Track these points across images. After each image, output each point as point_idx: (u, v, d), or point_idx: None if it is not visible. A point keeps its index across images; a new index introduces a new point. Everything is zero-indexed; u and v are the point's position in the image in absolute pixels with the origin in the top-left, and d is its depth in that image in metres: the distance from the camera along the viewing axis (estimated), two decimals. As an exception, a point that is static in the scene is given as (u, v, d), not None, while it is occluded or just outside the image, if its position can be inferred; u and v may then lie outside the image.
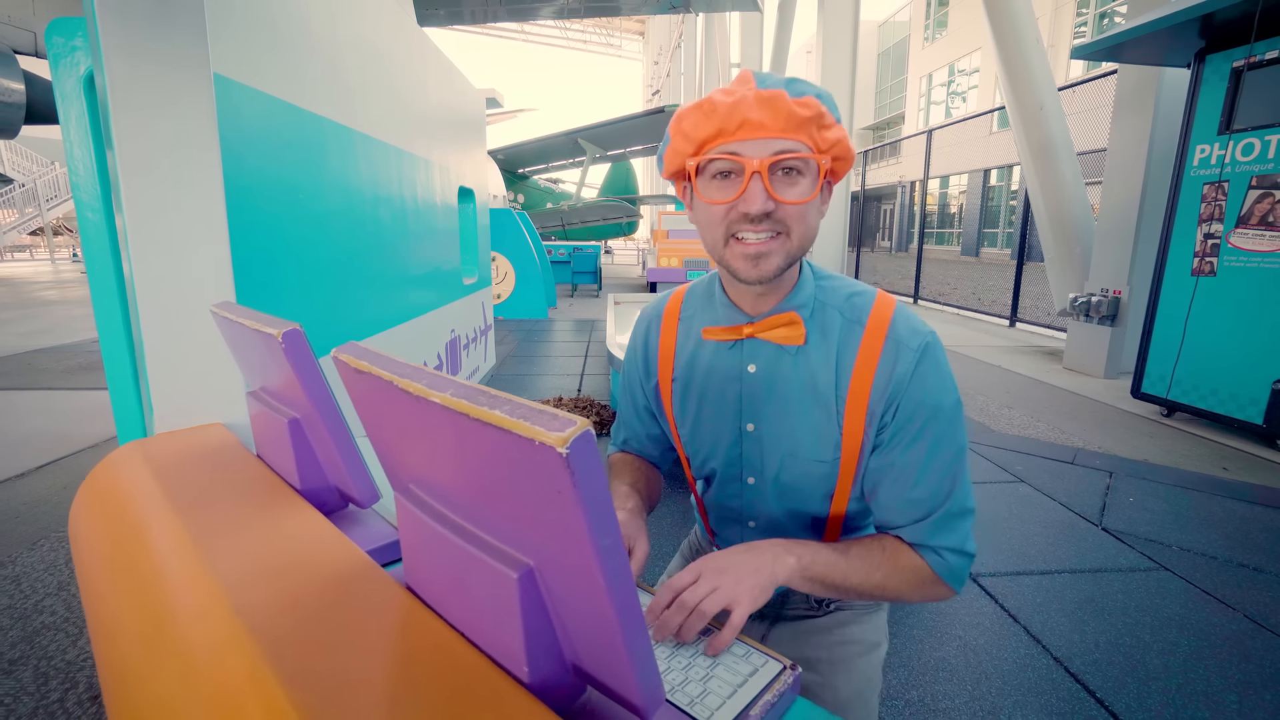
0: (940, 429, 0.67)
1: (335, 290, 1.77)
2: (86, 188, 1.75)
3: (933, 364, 0.67)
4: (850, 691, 0.79)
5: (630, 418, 0.91)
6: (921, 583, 0.69)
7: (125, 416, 1.82)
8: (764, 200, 0.62)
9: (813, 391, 0.71)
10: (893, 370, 0.67)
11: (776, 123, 0.61)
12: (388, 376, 0.49)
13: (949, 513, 0.68)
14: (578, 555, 0.40)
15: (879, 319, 0.69)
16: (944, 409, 0.67)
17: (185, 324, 1.15)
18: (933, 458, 0.68)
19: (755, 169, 0.61)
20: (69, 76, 1.71)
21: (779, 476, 0.75)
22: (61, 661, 1.39)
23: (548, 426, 0.36)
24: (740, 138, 0.62)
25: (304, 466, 0.85)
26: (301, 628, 0.55)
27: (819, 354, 0.71)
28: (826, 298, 0.72)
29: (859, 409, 0.69)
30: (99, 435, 3.01)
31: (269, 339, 0.75)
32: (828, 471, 0.73)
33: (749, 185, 0.62)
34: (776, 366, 0.72)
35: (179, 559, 0.68)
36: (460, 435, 0.44)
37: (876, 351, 0.68)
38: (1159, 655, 1.46)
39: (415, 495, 0.57)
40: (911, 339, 0.67)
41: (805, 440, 0.72)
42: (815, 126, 0.62)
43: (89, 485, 0.95)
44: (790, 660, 0.60)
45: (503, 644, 0.50)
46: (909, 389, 0.67)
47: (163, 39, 1.09)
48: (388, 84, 2.21)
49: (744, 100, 0.61)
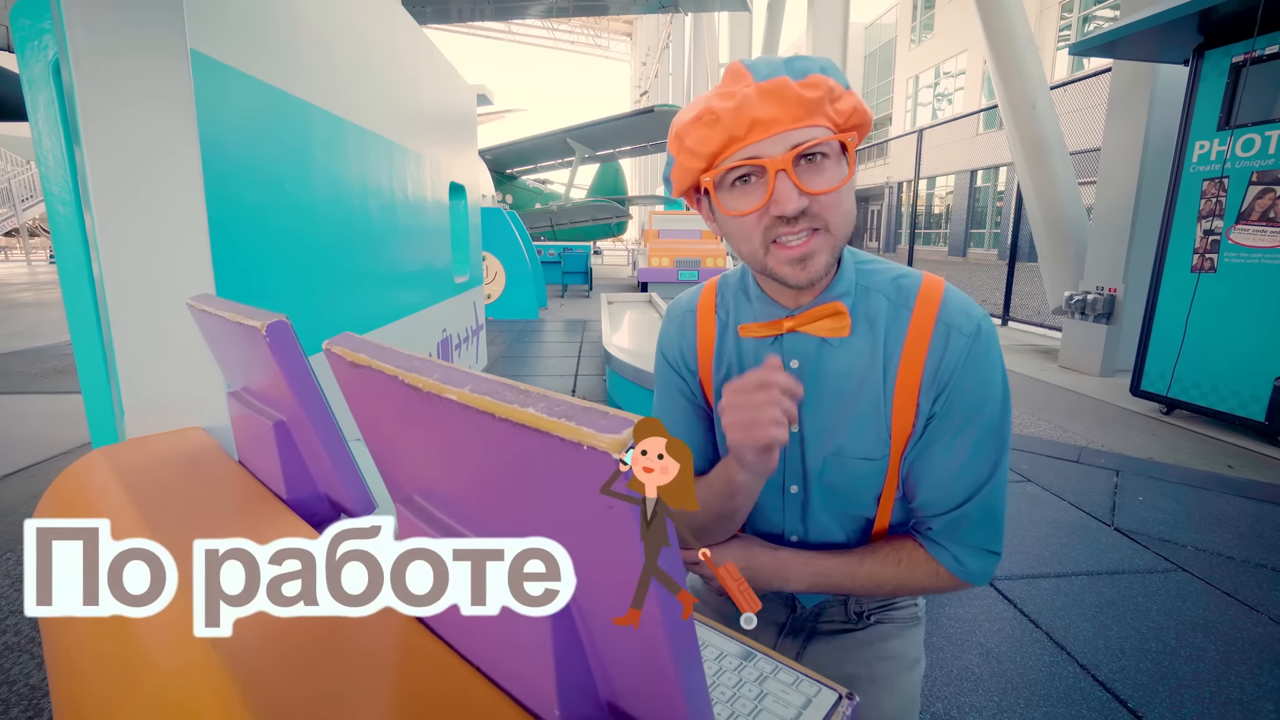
0: (987, 421, 0.63)
1: (322, 287, 1.68)
2: (57, 180, 1.64)
3: (986, 349, 0.63)
4: (894, 709, 0.73)
5: (673, 422, 0.81)
6: (934, 580, 0.68)
7: (99, 420, 1.72)
8: (796, 199, 0.56)
9: (859, 385, 0.65)
10: (943, 355, 0.63)
11: (788, 113, 0.55)
12: (391, 370, 0.42)
13: (983, 508, 0.65)
14: (627, 577, 0.33)
15: (928, 301, 0.64)
16: (993, 399, 0.63)
17: (160, 320, 1.06)
18: (977, 451, 0.64)
19: (779, 167, 0.56)
20: (37, 61, 1.60)
21: (824, 478, 0.69)
22: (25, 686, 1.29)
23: (598, 427, 0.29)
24: (754, 139, 0.56)
25: (291, 473, 0.77)
26: (289, 660, 0.48)
27: (864, 343, 0.65)
28: (869, 282, 0.67)
29: (909, 400, 0.64)
30: (72, 440, 2.89)
31: (251, 332, 0.68)
32: (876, 470, 0.67)
33: (776, 186, 0.56)
34: (819, 361, 0.67)
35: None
36: (481, 438, 0.37)
37: (926, 336, 0.63)
38: (1188, 661, 1.41)
39: (420, 507, 0.50)
40: (964, 323, 0.63)
41: (851, 438, 0.67)
42: (828, 103, 0.57)
43: (51, 495, 0.87)
44: (846, 689, 0.54)
45: (528, 681, 0.43)
46: (959, 376, 0.62)
47: (134, 11, 1.00)
48: (378, 73, 2.12)
49: (746, 99, 0.55)
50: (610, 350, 3.17)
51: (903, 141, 9.87)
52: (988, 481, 0.64)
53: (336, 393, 0.67)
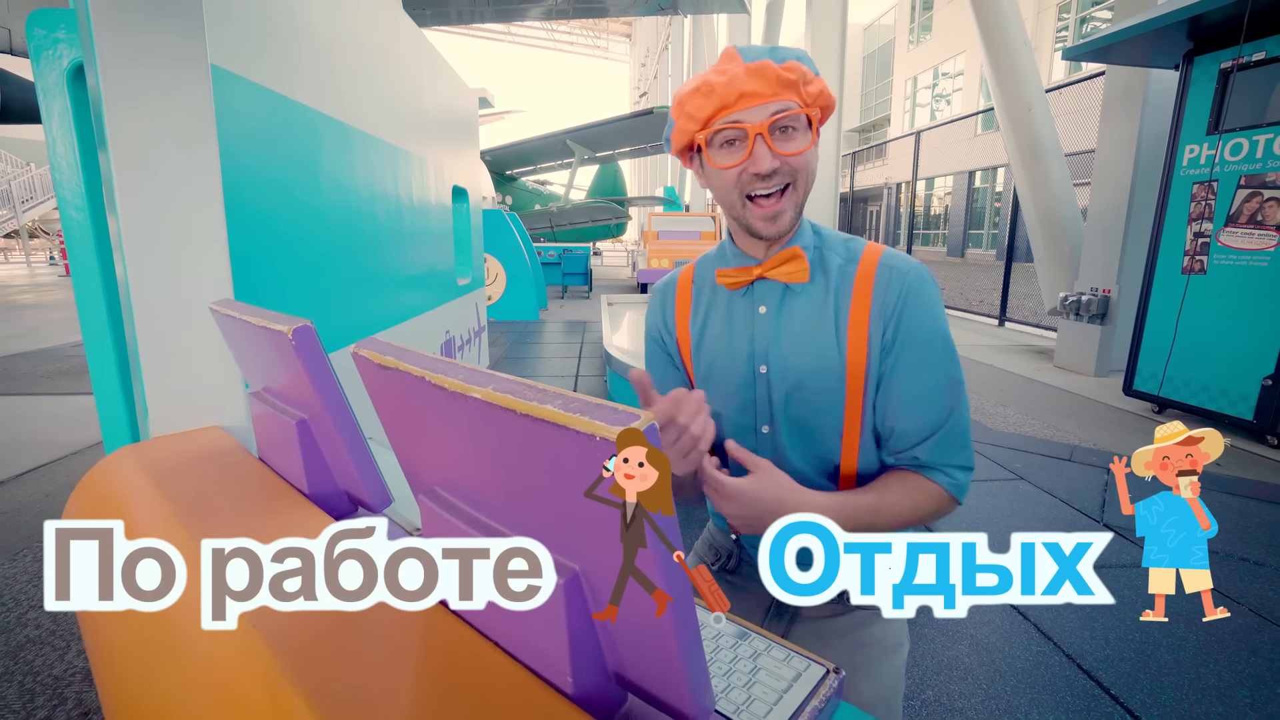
0: (936, 353, 0.74)
1: (332, 290, 1.72)
2: (70, 185, 1.69)
3: (925, 290, 0.74)
4: (875, 695, 0.77)
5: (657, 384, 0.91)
6: (938, 507, 0.74)
7: (111, 421, 1.76)
8: (770, 158, 0.69)
9: (817, 323, 0.77)
10: (886, 293, 0.74)
11: (768, 88, 0.68)
12: (419, 372, 0.46)
13: (956, 428, 0.74)
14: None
15: (872, 254, 0.77)
16: (938, 334, 0.74)
17: (182, 323, 1.10)
18: (934, 377, 0.74)
19: (758, 130, 0.69)
20: (51, 70, 1.65)
21: (789, 412, 0.78)
22: (48, 677, 1.33)
23: (610, 420, 0.34)
24: (740, 108, 0.69)
25: (312, 469, 0.81)
26: (323, 640, 0.52)
27: (820, 289, 0.78)
28: (824, 243, 0.80)
29: (860, 333, 0.75)
30: (81, 441, 2.93)
31: (278, 336, 0.72)
32: (834, 402, 0.77)
33: (754, 147, 0.69)
34: (783, 305, 0.79)
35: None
36: (503, 432, 0.41)
37: (870, 278, 0.75)
38: (1169, 651, 1.46)
39: (442, 498, 0.54)
40: (903, 265, 0.75)
41: (811, 370, 0.77)
42: (802, 84, 0.69)
43: (81, 492, 0.91)
44: (833, 664, 0.58)
45: (544, 654, 0.47)
46: (904, 310, 0.73)
47: (158, 29, 1.05)
48: (383, 79, 2.17)
49: (736, 76, 0.68)
50: (611, 351, 3.20)
51: (901, 143, 9.90)
52: (956, 402, 0.74)
53: (352, 391, 0.72)
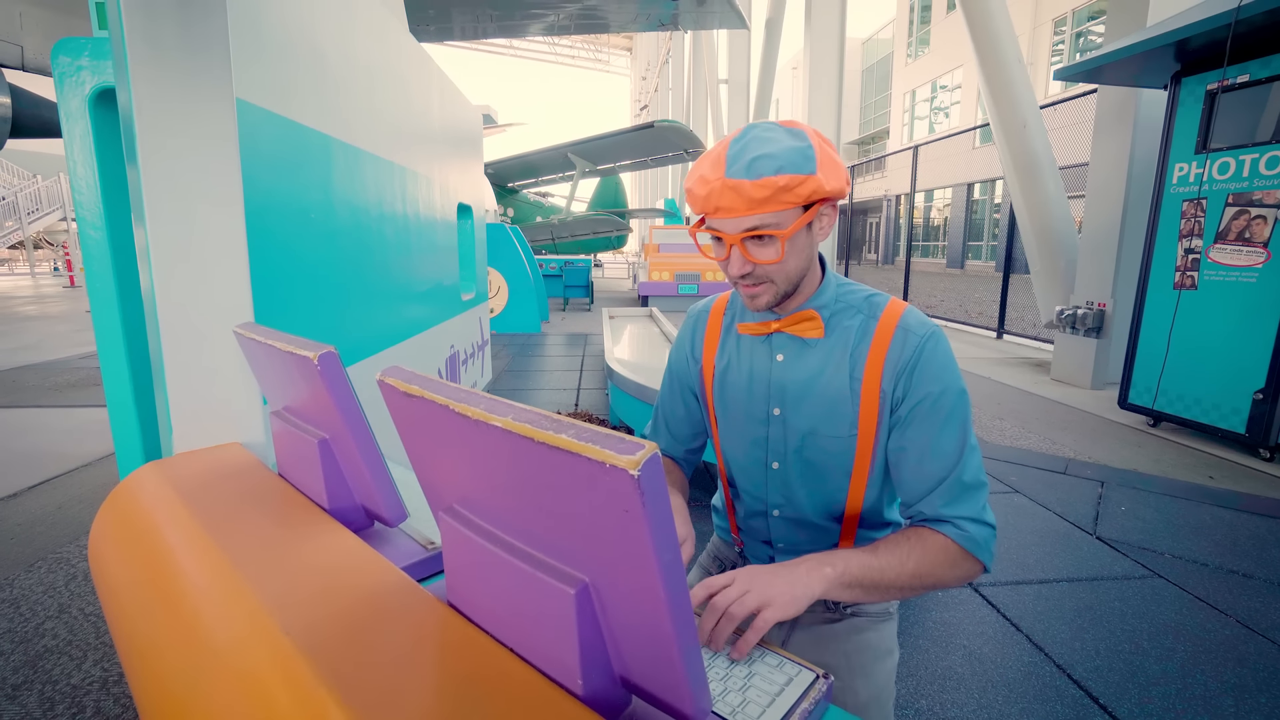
0: (946, 408, 0.77)
1: (344, 308, 1.78)
2: (89, 205, 1.75)
3: (936, 351, 0.78)
4: (869, 695, 0.85)
5: (671, 405, 1.00)
6: (952, 561, 0.74)
7: (124, 435, 1.81)
8: (740, 265, 0.76)
9: (832, 376, 0.81)
10: (901, 354, 0.78)
11: (743, 205, 0.71)
12: (442, 400, 0.50)
13: (960, 481, 0.76)
14: (639, 571, 0.42)
15: (891, 314, 0.81)
16: (949, 391, 0.77)
17: (206, 343, 1.16)
18: (941, 433, 0.77)
19: (732, 242, 0.74)
20: (74, 95, 1.72)
21: (802, 454, 0.83)
22: (67, 686, 1.37)
23: (618, 450, 0.38)
24: (719, 218, 0.74)
25: (333, 486, 0.86)
26: (352, 647, 0.56)
27: (838, 344, 0.82)
28: (846, 300, 0.84)
29: (873, 388, 0.79)
30: (92, 453, 2.97)
31: (303, 361, 0.77)
32: (845, 448, 0.81)
33: (730, 254, 0.76)
34: (801, 356, 0.83)
35: (217, 580, 0.69)
36: (520, 458, 0.45)
37: (888, 339, 0.79)
38: (1157, 661, 1.49)
39: (461, 515, 0.58)
40: (919, 329, 0.79)
41: (824, 420, 0.81)
42: (782, 194, 0.71)
43: (110, 507, 0.95)
44: (822, 670, 0.63)
45: (555, 658, 0.52)
46: (916, 371, 0.77)
47: (188, 63, 1.11)
48: (393, 104, 2.24)
49: (715, 190, 0.72)
50: (612, 365, 3.22)
51: (901, 155, 10.01)
52: (959, 455, 0.76)
53: (371, 412, 0.77)
